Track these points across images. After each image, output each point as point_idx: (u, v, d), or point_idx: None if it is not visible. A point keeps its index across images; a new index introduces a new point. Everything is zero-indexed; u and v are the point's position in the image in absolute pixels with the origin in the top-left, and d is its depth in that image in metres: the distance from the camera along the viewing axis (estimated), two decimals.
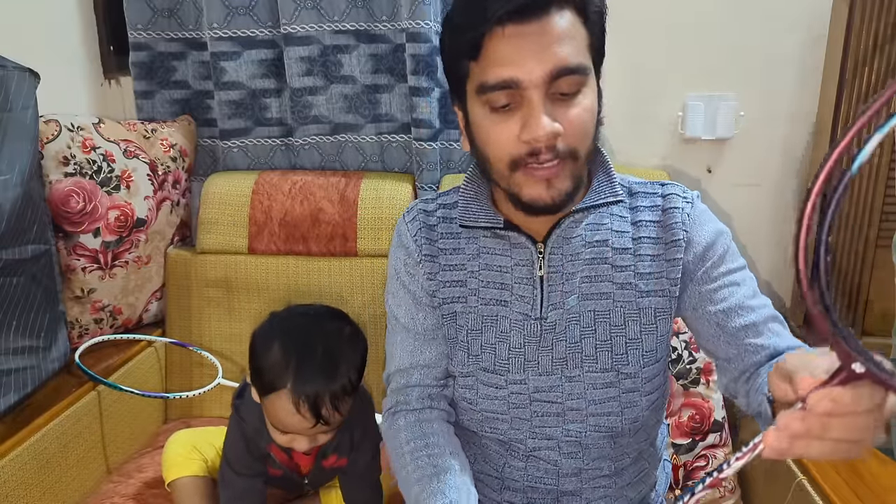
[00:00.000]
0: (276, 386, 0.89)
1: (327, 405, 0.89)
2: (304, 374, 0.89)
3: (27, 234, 1.14)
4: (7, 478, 1.02)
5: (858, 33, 1.29)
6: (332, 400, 0.89)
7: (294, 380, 0.88)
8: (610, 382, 0.81)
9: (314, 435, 0.93)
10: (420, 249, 0.86)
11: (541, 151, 0.70)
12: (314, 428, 0.90)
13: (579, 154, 0.72)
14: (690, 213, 0.81)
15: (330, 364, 0.91)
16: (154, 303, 1.47)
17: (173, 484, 1.09)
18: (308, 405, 0.88)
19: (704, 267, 0.80)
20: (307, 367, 0.89)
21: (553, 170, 0.71)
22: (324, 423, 0.90)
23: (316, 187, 1.42)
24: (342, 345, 0.94)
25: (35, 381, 1.15)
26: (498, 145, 0.73)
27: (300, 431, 0.92)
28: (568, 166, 0.72)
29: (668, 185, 0.84)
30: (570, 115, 0.70)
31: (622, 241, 0.81)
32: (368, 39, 1.44)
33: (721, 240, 0.81)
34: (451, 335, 0.85)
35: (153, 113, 1.53)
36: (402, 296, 0.88)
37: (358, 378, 0.94)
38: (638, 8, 1.39)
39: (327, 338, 0.93)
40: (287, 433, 0.93)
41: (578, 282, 0.81)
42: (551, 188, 0.72)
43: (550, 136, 0.69)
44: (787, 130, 1.44)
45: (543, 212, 0.75)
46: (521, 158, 0.72)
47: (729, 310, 0.78)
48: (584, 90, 0.71)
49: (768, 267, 1.52)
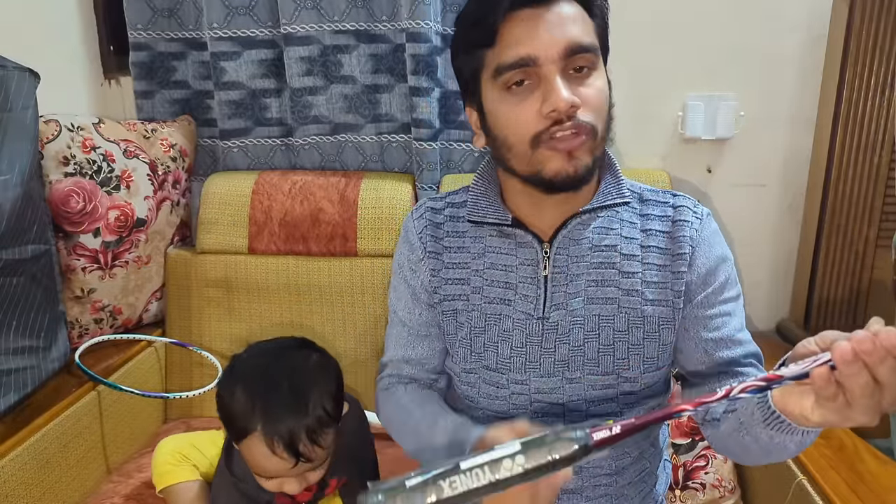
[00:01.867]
0: (247, 430, 0.84)
1: (304, 441, 0.84)
2: (272, 413, 0.84)
3: (27, 234, 1.14)
4: (7, 478, 1.02)
5: (858, 33, 1.29)
6: (309, 434, 0.84)
7: (263, 421, 0.83)
8: (609, 385, 0.82)
9: (301, 474, 0.88)
10: (424, 246, 0.87)
11: (563, 120, 0.72)
12: (296, 467, 0.85)
13: (597, 130, 0.74)
14: (699, 229, 0.82)
15: (298, 398, 0.86)
16: (154, 303, 1.47)
17: (166, 491, 1.08)
18: (283, 445, 0.83)
19: (705, 292, 0.81)
20: (273, 404, 0.84)
21: (575, 141, 0.72)
22: (305, 460, 0.84)
23: (316, 187, 1.42)
24: (309, 375, 0.89)
25: (35, 381, 1.15)
26: (519, 124, 0.74)
27: (284, 474, 0.86)
28: (588, 142, 0.73)
29: (680, 196, 0.85)
30: (587, 92, 0.73)
31: (631, 248, 0.82)
32: (368, 39, 1.44)
33: (724, 267, 0.82)
34: (450, 332, 0.86)
35: (153, 113, 1.53)
36: (402, 290, 0.90)
37: (334, 406, 0.89)
38: (638, 8, 1.39)
39: (293, 371, 0.89)
40: (272, 478, 0.88)
41: (584, 284, 0.81)
42: (573, 159, 0.73)
43: (571, 104, 0.71)
44: (787, 130, 1.44)
45: (565, 187, 0.75)
46: (543, 132, 0.73)
47: (720, 340, 0.80)
48: (596, 72, 0.74)
49: (768, 267, 1.52)
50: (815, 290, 1.42)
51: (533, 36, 0.71)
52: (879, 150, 1.34)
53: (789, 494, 1.02)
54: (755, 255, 1.51)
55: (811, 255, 1.42)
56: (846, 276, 1.40)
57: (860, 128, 1.33)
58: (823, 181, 1.38)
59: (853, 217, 1.37)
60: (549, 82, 0.71)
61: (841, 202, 1.37)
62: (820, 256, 1.40)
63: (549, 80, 0.71)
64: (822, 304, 1.42)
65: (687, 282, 0.81)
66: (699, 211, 0.84)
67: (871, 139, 1.33)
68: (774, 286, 1.53)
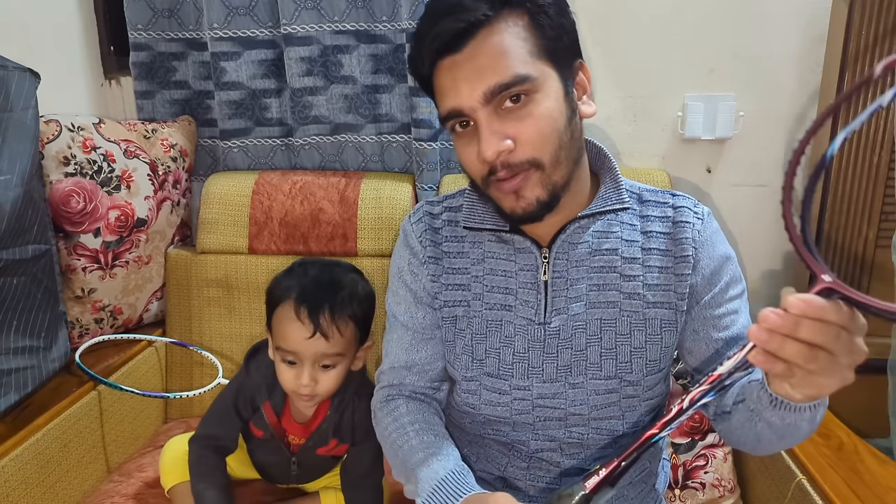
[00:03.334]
0: (283, 299, 0.97)
1: (325, 315, 0.95)
2: (307, 288, 0.98)
3: (27, 234, 1.14)
4: (7, 477, 1.02)
5: (858, 33, 1.29)
6: (331, 311, 0.95)
7: (297, 293, 0.97)
8: (612, 389, 0.81)
9: (315, 358, 0.96)
10: (425, 251, 0.86)
11: (497, 169, 0.72)
12: (314, 340, 0.94)
13: (541, 162, 0.72)
14: (701, 230, 0.82)
15: (333, 285, 0.99)
16: (154, 303, 1.47)
17: (173, 490, 1.10)
18: (307, 310, 0.94)
19: (712, 292, 0.81)
20: (311, 284, 0.99)
21: (515, 182, 0.73)
22: (322, 334, 0.94)
23: (316, 187, 1.42)
24: (347, 281, 1.02)
25: (35, 381, 1.15)
26: (467, 166, 0.77)
27: (301, 346, 0.95)
28: (533, 175, 0.73)
29: (680, 196, 0.85)
30: (521, 127, 0.71)
31: (631, 251, 0.81)
32: (368, 39, 1.44)
33: (728, 265, 0.82)
34: (449, 339, 0.85)
35: (153, 113, 1.53)
36: (402, 294, 0.88)
37: (360, 312, 0.99)
38: (638, 8, 1.39)
39: (335, 276, 1.03)
40: (289, 361, 0.97)
41: (585, 289, 0.81)
42: (520, 199, 0.74)
43: (496, 155, 0.71)
44: (787, 130, 1.44)
45: (525, 221, 0.77)
46: (486, 177, 0.75)
47: (731, 339, 0.81)
48: (535, 97, 0.71)
49: (768, 267, 1.52)
50: None
51: (454, 87, 0.72)
52: (879, 150, 1.34)
53: (789, 494, 1.02)
54: (755, 254, 1.51)
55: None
56: (846, 277, 1.40)
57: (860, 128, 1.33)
58: (823, 181, 1.38)
59: (853, 217, 1.37)
60: (479, 131, 0.72)
61: (840, 202, 1.37)
62: None
63: (479, 127, 0.72)
64: None
65: (692, 284, 0.81)
66: (700, 210, 0.83)
67: (871, 139, 1.33)
68: (774, 286, 1.53)
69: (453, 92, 0.72)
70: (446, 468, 0.78)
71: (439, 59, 0.72)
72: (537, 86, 0.71)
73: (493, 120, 0.71)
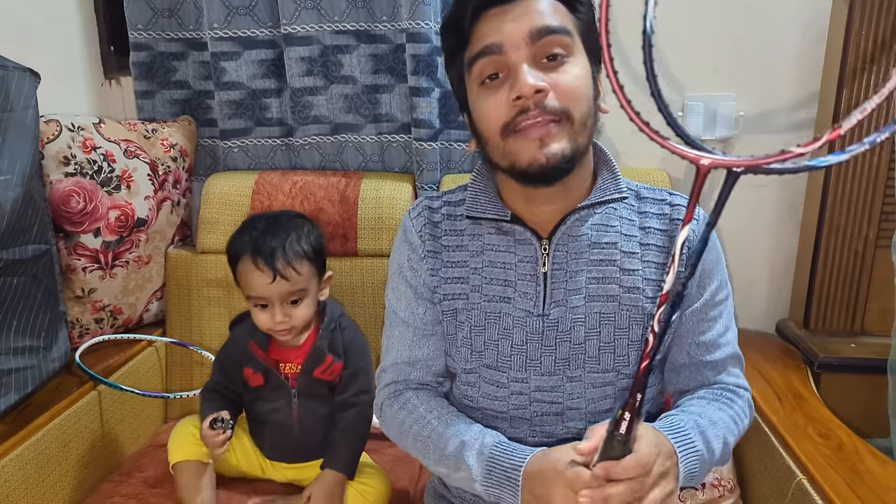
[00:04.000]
0: (241, 255, 1.08)
1: (280, 259, 1.06)
2: (259, 240, 1.08)
3: (28, 234, 1.14)
4: (8, 477, 1.02)
5: (858, 33, 1.29)
6: (284, 255, 1.06)
7: (252, 246, 1.07)
8: (609, 382, 0.82)
9: (284, 302, 1.08)
10: (424, 245, 0.86)
11: (529, 108, 0.71)
12: (276, 284, 1.06)
13: (573, 115, 0.72)
14: (696, 230, 0.83)
15: (282, 232, 1.09)
16: (154, 303, 1.47)
17: (176, 466, 1.12)
18: (263, 260, 1.05)
19: (702, 298, 0.83)
20: (262, 236, 1.09)
21: (544, 127, 0.71)
22: (282, 276, 1.06)
23: (316, 187, 1.42)
24: (293, 225, 1.12)
25: (35, 381, 1.15)
26: (490, 116, 0.74)
27: (267, 292, 1.07)
28: (562, 127, 0.72)
29: (677, 195, 0.86)
30: (559, 77, 0.72)
31: (630, 245, 0.82)
32: (368, 39, 1.44)
33: (719, 270, 0.84)
34: (450, 332, 0.86)
35: (153, 113, 1.53)
36: (403, 290, 0.88)
37: (311, 250, 1.10)
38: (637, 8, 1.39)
39: (283, 221, 1.13)
40: (261, 306, 1.09)
41: (585, 282, 0.81)
42: (544, 147, 0.72)
43: (535, 89, 0.70)
44: (787, 130, 1.44)
45: (541, 178, 0.74)
46: (511, 122, 0.72)
47: (703, 344, 0.83)
48: (572, 59, 0.73)
49: (768, 267, 1.52)
50: (815, 290, 1.42)
51: (498, 27, 0.72)
52: (879, 150, 1.34)
53: (789, 494, 1.02)
54: (755, 254, 1.51)
55: (811, 256, 1.42)
56: (845, 277, 1.40)
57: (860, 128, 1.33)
58: (823, 181, 1.38)
59: (853, 217, 1.37)
60: (515, 70, 0.71)
61: (840, 202, 1.37)
62: (819, 256, 1.40)
63: (515, 67, 0.72)
64: (822, 304, 1.42)
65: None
66: (696, 211, 0.84)
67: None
68: (774, 286, 1.53)
69: (496, 32, 0.72)
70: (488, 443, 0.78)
71: (486, 9, 0.73)
72: (574, 49, 0.73)
73: (531, 64, 0.72)
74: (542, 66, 0.72)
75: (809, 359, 1.35)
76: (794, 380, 1.27)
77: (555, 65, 0.72)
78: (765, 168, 0.56)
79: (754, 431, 1.16)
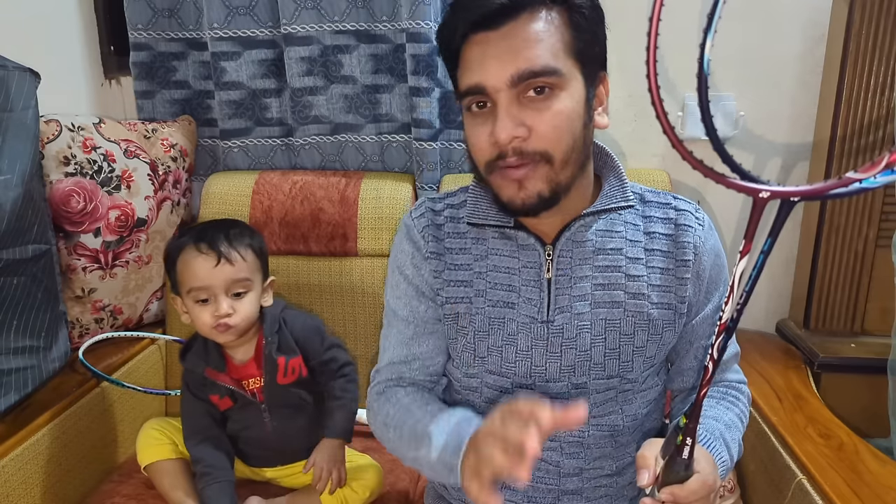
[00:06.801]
0: (182, 247, 1.05)
1: (224, 242, 1.04)
2: (201, 230, 1.06)
3: (28, 234, 1.14)
4: (8, 477, 1.02)
5: (858, 33, 1.29)
6: (227, 239, 1.05)
7: (194, 236, 1.05)
8: (611, 387, 0.82)
9: (226, 286, 1.03)
10: (427, 245, 0.86)
11: (507, 153, 0.72)
12: (219, 268, 1.02)
13: (552, 157, 0.72)
14: (703, 237, 0.83)
15: (225, 225, 1.09)
16: (154, 303, 1.47)
17: (149, 468, 1.15)
18: (207, 244, 1.03)
19: (711, 304, 0.84)
20: (204, 227, 1.08)
21: (522, 171, 0.72)
22: (226, 259, 1.03)
23: (316, 187, 1.42)
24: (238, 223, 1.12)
25: (35, 381, 1.15)
26: (475, 148, 0.75)
27: (210, 276, 1.02)
28: (541, 169, 0.72)
29: (681, 199, 0.86)
30: (540, 119, 0.71)
31: (635, 251, 0.82)
32: (369, 39, 1.44)
33: (723, 273, 0.85)
34: (451, 336, 0.85)
35: (153, 113, 1.53)
36: (403, 288, 0.87)
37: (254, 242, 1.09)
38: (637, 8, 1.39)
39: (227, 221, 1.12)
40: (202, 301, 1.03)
41: (590, 288, 0.81)
42: (522, 189, 0.73)
43: (511, 138, 0.70)
44: (787, 130, 1.44)
45: (521, 213, 0.76)
46: (492, 161, 0.74)
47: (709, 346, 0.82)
48: (559, 93, 0.71)
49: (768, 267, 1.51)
50: (815, 289, 1.42)
51: (482, 63, 0.71)
52: (879, 150, 1.34)
53: (789, 494, 1.02)
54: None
55: (811, 255, 1.42)
56: (846, 276, 1.40)
57: (860, 128, 1.33)
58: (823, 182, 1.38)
59: (853, 217, 1.37)
60: (497, 112, 0.71)
61: (840, 202, 1.37)
62: (819, 256, 1.40)
63: (497, 108, 0.71)
64: (822, 303, 1.42)
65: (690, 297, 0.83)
66: (701, 217, 0.85)
67: (871, 139, 1.33)
68: (774, 286, 1.54)
69: (480, 68, 0.71)
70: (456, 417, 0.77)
71: (473, 33, 0.72)
72: (563, 83, 0.71)
73: (514, 105, 0.71)
74: (526, 102, 0.71)
75: (809, 359, 1.35)
76: (794, 380, 1.27)
77: (541, 99, 0.71)
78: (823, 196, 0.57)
79: (754, 432, 1.16)
